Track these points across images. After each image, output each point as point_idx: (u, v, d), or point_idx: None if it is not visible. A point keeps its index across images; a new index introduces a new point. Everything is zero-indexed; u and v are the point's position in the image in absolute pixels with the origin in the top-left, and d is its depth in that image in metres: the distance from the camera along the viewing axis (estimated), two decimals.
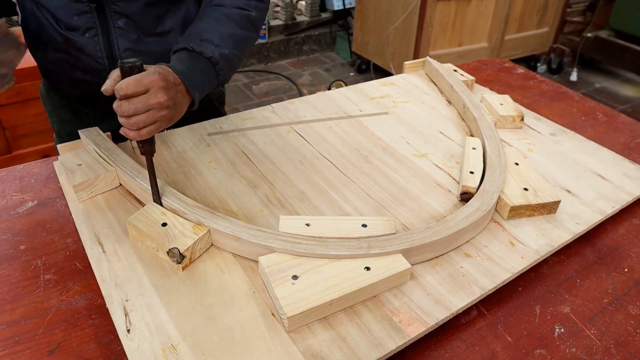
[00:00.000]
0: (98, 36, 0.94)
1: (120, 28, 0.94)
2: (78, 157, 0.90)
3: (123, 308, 0.66)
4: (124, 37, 0.95)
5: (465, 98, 1.17)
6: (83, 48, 0.95)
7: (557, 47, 3.83)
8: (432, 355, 0.66)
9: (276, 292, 0.65)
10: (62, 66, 1.00)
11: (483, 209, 0.80)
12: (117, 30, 0.95)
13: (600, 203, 0.91)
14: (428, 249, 0.74)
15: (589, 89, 3.66)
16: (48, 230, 0.82)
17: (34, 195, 0.89)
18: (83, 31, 0.93)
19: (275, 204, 0.87)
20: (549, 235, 0.82)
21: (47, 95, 1.13)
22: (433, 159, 1.02)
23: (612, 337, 0.70)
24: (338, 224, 0.77)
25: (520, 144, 1.09)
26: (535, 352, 0.67)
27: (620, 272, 0.81)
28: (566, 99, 1.37)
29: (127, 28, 0.95)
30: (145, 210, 0.78)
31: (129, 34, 0.96)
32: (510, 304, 0.74)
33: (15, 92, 2.04)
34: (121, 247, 0.76)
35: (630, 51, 3.50)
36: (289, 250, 0.70)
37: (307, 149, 1.03)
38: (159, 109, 0.73)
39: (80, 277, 0.74)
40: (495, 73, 1.53)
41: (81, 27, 0.93)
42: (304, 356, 0.61)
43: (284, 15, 3.89)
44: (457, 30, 3.27)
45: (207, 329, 0.64)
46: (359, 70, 3.79)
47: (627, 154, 1.09)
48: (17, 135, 2.15)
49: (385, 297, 0.69)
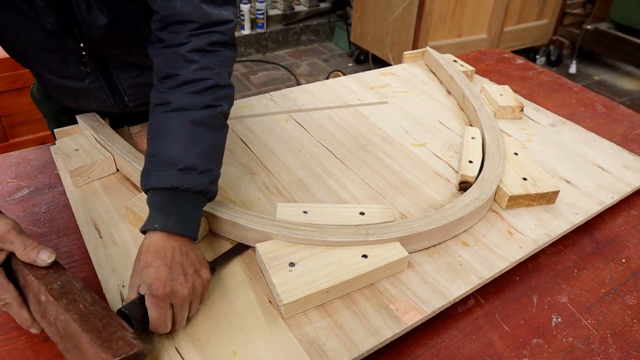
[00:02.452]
0: (99, 80, 0.89)
1: (120, 69, 0.89)
2: (75, 142, 0.89)
3: (119, 293, 0.66)
4: (124, 75, 0.91)
5: (465, 88, 1.16)
6: (85, 91, 0.91)
7: (557, 39, 3.82)
8: (429, 343, 0.66)
9: (273, 279, 0.65)
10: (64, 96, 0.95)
11: (482, 198, 0.80)
12: (117, 71, 0.89)
13: (600, 193, 0.90)
14: (426, 237, 0.74)
15: (587, 81, 3.65)
16: (44, 217, 0.81)
17: (29, 182, 0.89)
18: (82, 78, 0.88)
19: (273, 192, 0.86)
20: (548, 225, 0.82)
21: (43, 100, 1.06)
22: (432, 148, 1.01)
23: (608, 326, 0.70)
24: (336, 212, 0.77)
25: (519, 134, 1.08)
26: (532, 342, 0.67)
27: (617, 263, 0.81)
28: (565, 89, 1.37)
29: (127, 68, 0.90)
30: (143, 196, 0.77)
31: (130, 72, 0.90)
32: (507, 294, 0.74)
33: (12, 80, 2.03)
34: (118, 232, 0.76)
35: (630, 44, 3.48)
36: (287, 236, 0.70)
37: (306, 137, 1.02)
38: (194, 295, 0.62)
39: (76, 263, 0.73)
40: (495, 63, 1.52)
41: (79, 75, 0.88)
42: (300, 343, 0.61)
43: (282, 5, 3.86)
44: (456, 21, 3.25)
45: (204, 315, 0.64)
46: (357, 60, 3.77)
47: (626, 145, 1.09)
48: (14, 123, 2.14)
49: (382, 285, 0.69)
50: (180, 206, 0.66)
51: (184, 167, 0.66)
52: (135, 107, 0.96)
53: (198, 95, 0.71)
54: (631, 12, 3.49)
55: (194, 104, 0.70)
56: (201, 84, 0.71)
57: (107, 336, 0.52)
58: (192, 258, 0.63)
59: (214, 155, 0.71)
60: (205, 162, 0.68)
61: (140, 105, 0.96)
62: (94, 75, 0.88)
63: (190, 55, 0.71)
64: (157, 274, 0.59)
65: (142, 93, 0.93)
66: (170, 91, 0.71)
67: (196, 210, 0.68)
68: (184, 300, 0.60)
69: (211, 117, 0.71)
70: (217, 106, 0.72)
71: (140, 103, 0.95)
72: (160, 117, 0.71)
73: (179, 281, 0.60)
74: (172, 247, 0.62)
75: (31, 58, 0.88)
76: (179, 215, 0.65)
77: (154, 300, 0.58)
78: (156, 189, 0.66)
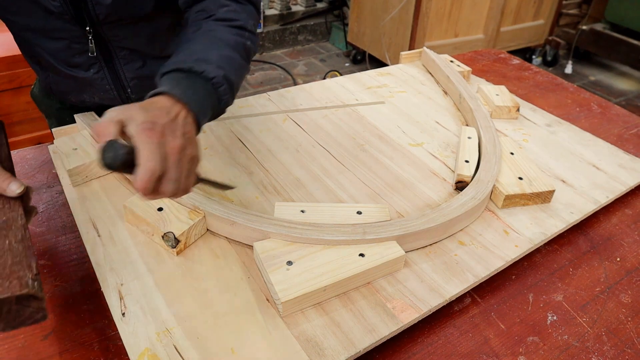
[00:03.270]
0: (103, 70, 0.91)
1: (123, 58, 0.91)
2: (73, 141, 0.89)
3: (118, 292, 0.66)
4: (128, 65, 0.92)
5: (461, 89, 1.17)
6: (89, 81, 0.93)
7: (553, 40, 3.83)
8: (426, 341, 0.67)
9: (271, 278, 0.65)
10: (68, 89, 0.96)
11: (478, 198, 0.81)
12: (121, 61, 0.91)
13: (595, 193, 0.91)
14: (423, 235, 0.75)
15: (583, 81, 3.67)
16: (42, 216, 0.82)
17: (27, 181, 0.89)
18: (86, 68, 0.90)
19: (270, 191, 0.87)
20: (543, 224, 0.83)
21: (44, 99, 1.07)
22: (429, 148, 1.02)
23: (603, 324, 0.71)
24: (333, 211, 0.78)
25: (515, 134, 1.09)
26: (527, 339, 0.68)
27: (612, 261, 0.81)
28: (561, 90, 1.38)
29: (131, 57, 0.91)
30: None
31: (134, 62, 0.92)
32: (503, 292, 0.75)
33: (8, 79, 2.02)
34: (116, 231, 0.76)
35: (625, 44, 3.50)
36: (285, 235, 0.71)
37: (303, 136, 1.03)
38: (189, 162, 0.58)
39: (75, 262, 0.73)
40: (491, 64, 1.53)
41: (84, 65, 0.90)
42: (298, 341, 0.61)
43: (279, 5, 3.87)
44: (453, 21, 3.26)
45: (202, 314, 0.64)
46: (354, 60, 3.78)
47: (620, 145, 1.10)
48: (11, 123, 2.13)
49: (379, 284, 0.70)
50: (193, 84, 0.65)
51: (201, 57, 0.67)
52: (137, 99, 0.95)
53: (228, 28, 0.76)
54: (627, 12, 3.51)
55: (223, 31, 0.74)
56: (232, 22, 0.76)
57: (8, 274, 0.51)
58: (192, 131, 0.59)
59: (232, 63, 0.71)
60: (223, 63, 0.69)
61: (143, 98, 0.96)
62: (99, 65, 0.89)
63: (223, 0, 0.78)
64: (154, 117, 0.56)
65: (145, 85, 0.94)
66: (201, 21, 0.76)
67: (207, 98, 0.66)
68: (178, 151, 0.55)
69: (236, 42, 0.74)
70: (243, 38, 0.76)
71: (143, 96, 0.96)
72: (191, 34, 0.74)
73: (175, 134, 0.56)
74: (177, 110, 0.59)
75: (38, 46, 0.89)
76: (189, 89, 0.63)
77: (148, 134, 0.53)
78: (170, 71, 0.66)
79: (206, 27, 0.74)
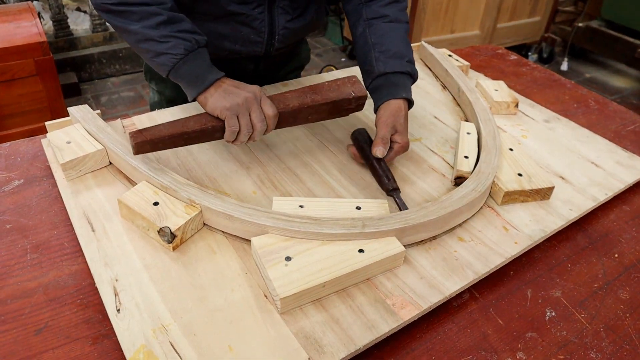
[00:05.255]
0: (264, 12, 0.99)
1: (281, 7, 1.00)
2: (67, 135, 0.88)
3: (113, 287, 0.65)
4: (281, 16, 1.01)
5: (460, 82, 1.16)
6: (248, 21, 0.99)
7: (549, 37, 3.83)
8: (425, 337, 0.66)
9: (269, 273, 0.64)
10: (211, 35, 0.99)
11: (478, 190, 0.80)
12: (279, 9, 1.00)
13: (593, 190, 0.91)
14: (423, 229, 0.74)
15: (579, 78, 3.67)
16: (35, 209, 0.80)
17: (20, 174, 0.87)
18: (254, 6, 0.97)
19: (268, 186, 0.86)
20: (543, 221, 0.82)
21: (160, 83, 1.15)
22: (427, 143, 1.01)
23: (602, 320, 0.70)
24: (332, 206, 0.77)
25: (514, 130, 1.09)
26: (526, 335, 0.67)
27: (610, 258, 0.81)
28: (558, 86, 1.37)
29: (286, 9, 1.01)
30: (137, 189, 0.76)
31: (286, 14, 1.02)
32: (502, 288, 0.74)
33: (0, 72, 2.00)
34: (110, 226, 0.75)
35: (621, 42, 3.50)
36: (283, 229, 0.70)
37: (301, 131, 1.02)
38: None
39: (68, 257, 0.72)
40: (488, 59, 1.52)
41: (253, 2, 0.96)
42: (296, 337, 0.60)
43: None
44: (449, 17, 3.25)
45: (198, 310, 0.63)
46: (350, 55, 3.76)
47: (618, 141, 1.10)
48: (3, 115, 2.10)
49: (378, 280, 0.69)
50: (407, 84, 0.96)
51: (409, 60, 0.96)
52: (278, 48, 1.06)
53: (402, 13, 1.01)
54: (622, 10, 3.51)
55: (403, 18, 1.00)
56: (402, 4, 1.02)
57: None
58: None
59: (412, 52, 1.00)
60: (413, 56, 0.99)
61: (282, 48, 1.08)
62: (264, 7, 0.98)
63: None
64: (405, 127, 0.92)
65: (288, 36, 1.05)
66: (384, 8, 1.00)
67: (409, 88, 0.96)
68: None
69: (405, 30, 1.01)
70: (407, 22, 1.02)
71: (283, 45, 1.07)
72: (384, 26, 0.99)
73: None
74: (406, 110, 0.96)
75: None
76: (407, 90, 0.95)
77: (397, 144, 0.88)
78: (392, 72, 0.94)
79: (392, 17, 0.99)
